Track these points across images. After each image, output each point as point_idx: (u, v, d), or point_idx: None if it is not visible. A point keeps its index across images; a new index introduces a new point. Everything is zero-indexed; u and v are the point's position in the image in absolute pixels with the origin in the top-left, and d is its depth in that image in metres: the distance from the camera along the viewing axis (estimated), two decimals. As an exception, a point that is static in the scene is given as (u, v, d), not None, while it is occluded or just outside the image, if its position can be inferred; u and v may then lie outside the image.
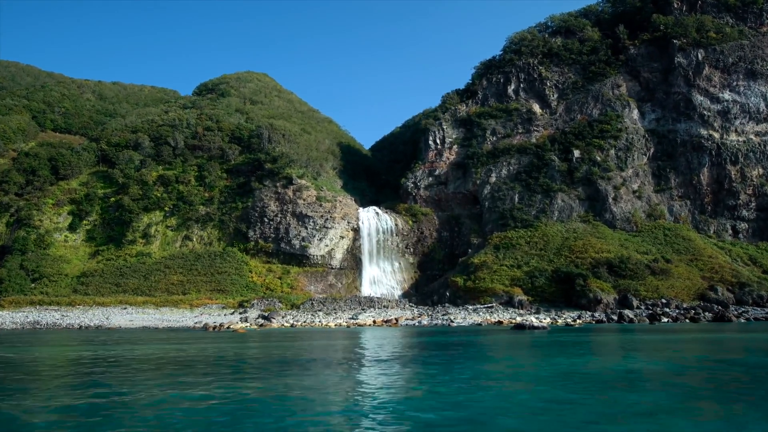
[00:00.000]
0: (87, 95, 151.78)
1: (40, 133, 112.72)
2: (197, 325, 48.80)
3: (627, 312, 51.06)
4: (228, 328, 43.83)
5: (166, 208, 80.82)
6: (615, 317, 52.16)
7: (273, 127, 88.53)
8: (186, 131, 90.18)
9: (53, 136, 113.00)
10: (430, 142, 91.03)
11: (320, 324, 49.34)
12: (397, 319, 50.22)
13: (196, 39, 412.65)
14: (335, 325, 48.99)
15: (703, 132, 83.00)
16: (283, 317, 54.36)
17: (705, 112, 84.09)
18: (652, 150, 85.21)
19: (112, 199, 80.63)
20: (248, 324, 49.36)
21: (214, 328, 44.36)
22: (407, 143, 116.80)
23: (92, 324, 50.03)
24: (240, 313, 57.98)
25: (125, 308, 60.09)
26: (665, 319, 50.50)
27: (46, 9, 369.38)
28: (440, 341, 27.28)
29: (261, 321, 51.65)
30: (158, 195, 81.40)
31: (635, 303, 58.86)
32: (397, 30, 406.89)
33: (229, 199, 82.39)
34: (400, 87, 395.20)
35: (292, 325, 49.36)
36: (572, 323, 43.47)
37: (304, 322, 51.27)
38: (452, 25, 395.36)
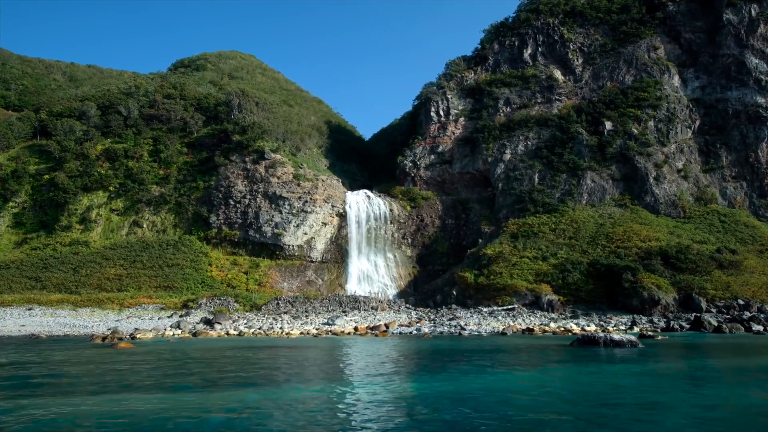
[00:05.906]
0: (55, 75, 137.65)
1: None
2: (107, 333, 34.41)
3: (708, 317, 36.73)
4: (134, 338, 29.50)
5: (111, 188, 66.30)
6: (686, 324, 38.00)
7: (245, 94, 73.98)
8: (142, 99, 75.62)
9: (2, 113, 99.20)
10: (432, 114, 76.67)
11: (280, 332, 35.09)
12: (387, 326, 35.93)
13: (195, 34, 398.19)
14: (301, 333, 34.75)
15: (761, 100, 68.76)
16: (233, 321, 40.03)
17: (762, 77, 69.87)
18: (698, 122, 71.01)
19: (46, 176, 66.18)
20: (179, 331, 35.07)
21: (113, 337, 30.03)
22: (405, 133, 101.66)
23: (-40, 331, 35.73)
24: (180, 316, 43.63)
25: (31, 309, 45.65)
26: (756, 327, 36.42)
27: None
28: (467, 388, 12.90)
29: (200, 327, 37.35)
30: (102, 172, 66.90)
31: (704, 304, 44.57)
32: (399, 25, 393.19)
33: (188, 177, 67.93)
34: (400, 83, 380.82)
35: (240, 333, 35.07)
36: (652, 334, 29.11)
37: (259, 328, 36.99)
38: (457, 17, 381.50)
